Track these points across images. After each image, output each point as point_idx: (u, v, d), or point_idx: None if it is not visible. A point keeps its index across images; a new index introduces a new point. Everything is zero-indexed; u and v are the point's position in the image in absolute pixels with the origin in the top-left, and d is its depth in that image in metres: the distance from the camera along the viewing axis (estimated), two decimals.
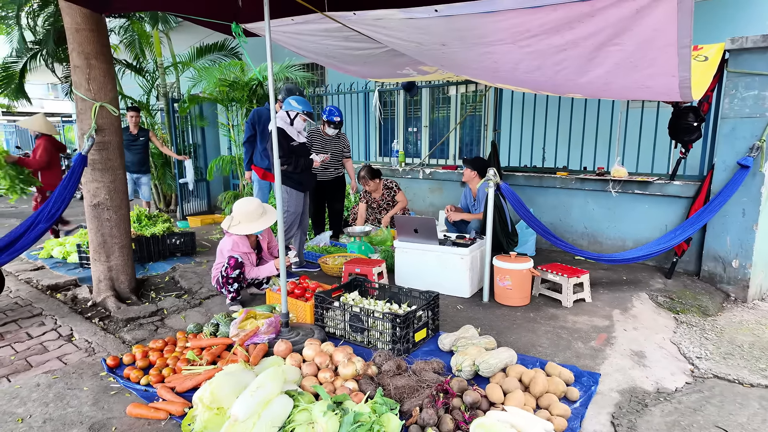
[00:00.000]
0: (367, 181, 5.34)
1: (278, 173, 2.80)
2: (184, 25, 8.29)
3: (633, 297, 3.75)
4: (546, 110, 5.30)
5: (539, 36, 2.36)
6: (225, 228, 3.54)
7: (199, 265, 4.76)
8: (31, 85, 8.68)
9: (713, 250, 4.05)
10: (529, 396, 2.28)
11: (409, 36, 2.97)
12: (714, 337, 3.08)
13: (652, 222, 4.55)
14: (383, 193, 5.41)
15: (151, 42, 7.94)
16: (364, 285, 3.44)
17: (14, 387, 2.50)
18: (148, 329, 3.27)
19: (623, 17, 2.01)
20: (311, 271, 4.52)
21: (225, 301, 3.69)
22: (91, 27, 3.38)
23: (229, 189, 8.35)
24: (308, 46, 3.84)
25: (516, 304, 3.59)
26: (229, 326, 2.99)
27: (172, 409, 2.23)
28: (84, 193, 3.66)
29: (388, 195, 5.41)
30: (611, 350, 2.87)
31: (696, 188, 4.20)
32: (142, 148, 6.50)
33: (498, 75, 3.45)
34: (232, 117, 7.34)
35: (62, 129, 16.10)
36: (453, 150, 6.85)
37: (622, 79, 2.79)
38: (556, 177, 5.07)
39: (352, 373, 2.38)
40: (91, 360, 2.81)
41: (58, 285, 4.15)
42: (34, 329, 3.27)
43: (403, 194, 5.46)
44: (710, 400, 2.36)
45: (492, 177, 3.63)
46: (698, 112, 3.98)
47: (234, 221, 3.50)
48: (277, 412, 2.00)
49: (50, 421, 2.21)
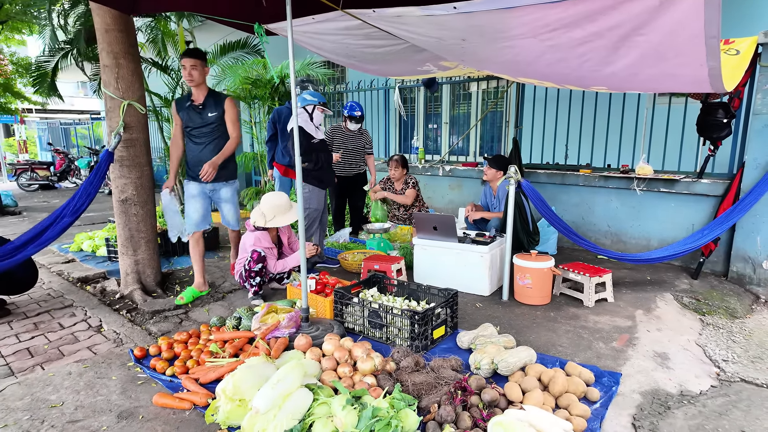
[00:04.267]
0: (398, 165, 5.27)
1: (299, 170, 2.84)
2: (207, 23, 8.42)
3: (657, 297, 3.68)
4: (569, 106, 5.21)
5: (560, 30, 2.33)
6: (260, 224, 3.60)
7: (222, 260, 4.86)
8: (61, 83, 8.97)
9: (742, 250, 3.94)
10: (548, 395, 2.26)
11: (428, 32, 2.96)
12: (742, 339, 3.00)
13: (679, 221, 4.45)
14: (403, 187, 5.40)
15: (176, 40, 8.10)
16: (383, 282, 3.46)
17: (48, 375, 2.61)
18: (173, 322, 3.36)
19: (647, 9, 1.97)
20: (331, 267, 4.57)
21: (247, 296, 3.76)
22: (119, 27, 3.48)
23: (251, 185, 8.48)
24: (329, 45, 3.86)
25: (536, 303, 3.56)
26: (251, 320, 3.05)
27: (196, 399, 2.30)
28: (112, 188, 3.78)
29: (404, 189, 5.39)
30: (633, 351, 2.82)
31: (725, 187, 4.09)
32: (215, 131, 3.67)
33: (520, 69, 3.41)
34: (254, 114, 7.44)
35: (91, 126, 16.58)
36: (473, 147, 6.81)
37: (649, 69, 2.72)
38: (579, 174, 4.99)
39: (370, 369, 2.41)
40: (119, 350, 2.90)
41: (87, 277, 4.30)
42: (65, 320, 3.40)
43: (413, 193, 5.32)
44: (737, 404, 2.30)
45: (513, 174, 3.60)
46: (728, 108, 3.87)
47: (268, 216, 3.59)
48: (298, 404, 2.04)
49: (81, 408, 2.30)
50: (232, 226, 4.02)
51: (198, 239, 3.86)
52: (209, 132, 3.68)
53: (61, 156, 12.94)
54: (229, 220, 3.99)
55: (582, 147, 5.23)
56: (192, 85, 3.59)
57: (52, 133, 17.86)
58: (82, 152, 14.72)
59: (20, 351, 2.94)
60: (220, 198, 3.86)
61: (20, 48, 14.10)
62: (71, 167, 12.76)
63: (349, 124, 5.08)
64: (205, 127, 3.66)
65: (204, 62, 3.60)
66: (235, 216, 3.98)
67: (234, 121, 3.72)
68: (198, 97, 3.66)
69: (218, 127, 3.69)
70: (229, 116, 3.69)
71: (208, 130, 3.67)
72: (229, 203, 3.91)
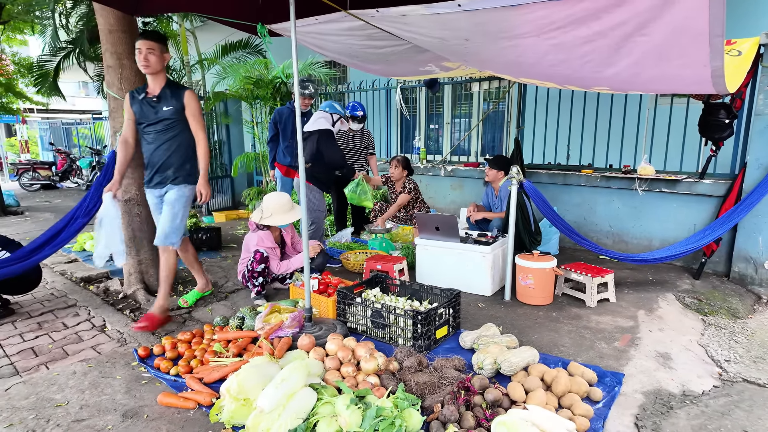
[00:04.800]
0: (397, 165, 5.22)
1: (302, 170, 2.85)
2: (209, 24, 8.45)
3: (659, 297, 3.68)
4: (571, 106, 5.22)
5: (564, 28, 2.33)
6: (256, 220, 3.64)
7: (225, 260, 4.88)
8: (62, 83, 8.99)
9: (744, 250, 3.94)
10: (551, 395, 2.27)
11: (432, 32, 2.97)
12: (744, 340, 3.00)
13: (680, 221, 4.45)
14: (400, 190, 5.39)
15: (178, 40, 8.12)
16: (386, 282, 3.47)
17: (53, 374, 2.62)
18: (177, 321, 3.37)
19: (652, 6, 1.97)
20: (333, 267, 4.58)
21: (250, 296, 3.77)
22: (123, 28, 3.49)
23: (253, 185, 8.49)
24: (331, 45, 3.87)
25: (538, 303, 3.57)
26: (254, 320, 3.07)
27: (201, 399, 2.31)
28: None
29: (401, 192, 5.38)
30: (636, 351, 2.83)
31: (727, 187, 4.09)
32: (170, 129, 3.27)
33: (523, 69, 3.42)
34: (256, 114, 7.45)
35: (92, 126, 16.60)
36: (475, 147, 6.82)
37: (651, 70, 2.73)
38: (581, 175, 5.00)
39: (374, 368, 2.42)
40: (123, 350, 2.92)
41: (90, 277, 4.31)
42: (69, 319, 3.42)
43: (405, 199, 5.23)
44: (739, 404, 2.31)
45: (515, 175, 3.61)
46: (730, 108, 3.87)
47: (266, 213, 3.60)
48: (302, 404, 2.05)
49: (86, 407, 2.31)
50: (159, 239, 3.23)
51: (184, 247, 3.48)
52: (163, 129, 3.20)
53: (62, 156, 12.97)
54: (158, 231, 3.25)
55: (584, 147, 5.23)
56: (148, 72, 3.11)
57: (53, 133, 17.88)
58: (84, 152, 14.75)
59: (25, 350, 2.95)
60: (164, 200, 3.30)
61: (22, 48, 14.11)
62: (73, 167, 12.80)
63: (351, 124, 5.10)
64: (159, 123, 3.18)
65: (164, 47, 3.15)
66: (170, 225, 3.21)
67: (197, 117, 3.23)
68: (153, 89, 3.17)
69: (174, 124, 3.21)
70: (190, 111, 3.20)
71: (162, 127, 3.19)
72: (168, 206, 3.24)
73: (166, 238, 3.22)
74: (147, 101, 3.18)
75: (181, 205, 3.26)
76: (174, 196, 3.24)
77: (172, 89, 3.20)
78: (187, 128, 3.24)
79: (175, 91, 3.20)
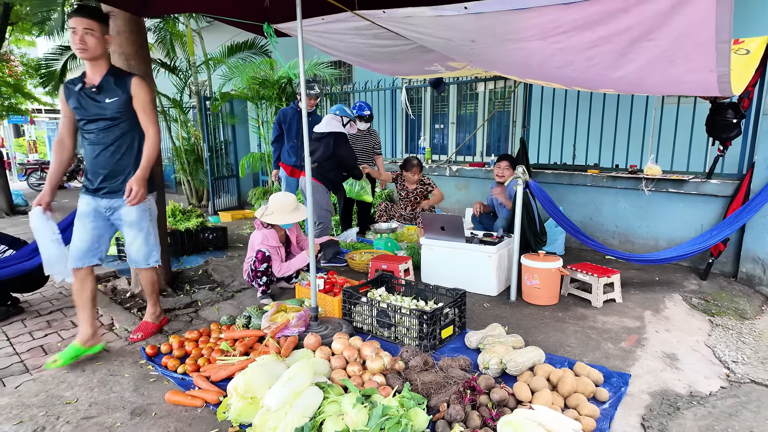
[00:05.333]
0: (412, 166, 5.24)
1: (309, 170, 2.86)
2: (215, 24, 8.49)
3: (666, 298, 3.67)
4: (577, 106, 5.21)
5: (570, 32, 2.33)
6: (258, 215, 3.67)
7: (231, 259, 4.90)
8: None
9: (752, 251, 3.92)
10: (556, 395, 2.27)
11: (438, 33, 2.98)
12: (752, 341, 2.98)
13: (687, 222, 4.43)
14: (417, 187, 5.39)
15: (184, 41, 8.17)
16: (391, 281, 3.48)
17: (62, 372, 2.65)
18: (184, 320, 3.40)
19: (659, 12, 1.96)
20: (339, 266, 4.60)
21: (256, 295, 3.79)
22: (130, 29, 3.51)
23: (259, 185, 8.53)
24: (337, 45, 3.88)
25: (544, 303, 3.56)
26: (260, 319, 3.08)
27: (208, 397, 2.32)
28: None
29: (422, 190, 5.39)
30: (642, 352, 2.82)
31: (734, 187, 4.07)
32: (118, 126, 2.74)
33: (528, 70, 3.42)
34: (261, 114, 7.49)
35: None
36: (480, 147, 6.81)
37: (657, 75, 2.73)
38: (587, 175, 4.98)
39: (379, 368, 2.42)
40: (131, 348, 2.94)
41: (98, 276, 4.34)
42: (77, 318, 3.44)
43: (439, 191, 5.42)
44: (747, 405, 2.30)
45: (521, 175, 3.61)
46: (738, 108, 3.85)
47: (268, 211, 3.62)
48: (308, 403, 2.06)
49: (95, 405, 2.33)
50: (137, 263, 2.87)
51: (84, 278, 2.75)
52: (108, 127, 2.67)
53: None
54: (132, 254, 2.84)
55: (590, 147, 5.22)
56: (85, 57, 2.57)
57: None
58: None
59: (34, 348, 2.99)
60: (121, 219, 2.77)
61: (30, 49, 14.25)
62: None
63: (358, 124, 5.12)
64: (102, 120, 2.65)
65: (105, 27, 2.61)
66: (144, 247, 2.83)
67: (147, 109, 2.73)
68: (93, 77, 2.65)
69: (122, 120, 2.68)
70: (139, 102, 2.69)
71: (106, 124, 2.66)
72: (135, 228, 2.78)
73: (150, 258, 2.87)
74: (86, 93, 2.64)
75: (147, 221, 2.82)
76: (136, 214, 2.76)
77: (116, 77, 2.67)
78: (137, 125, 2.75)
79: (120, 80, 2.67)
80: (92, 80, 2.65)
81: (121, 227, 2.81)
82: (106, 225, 2.80)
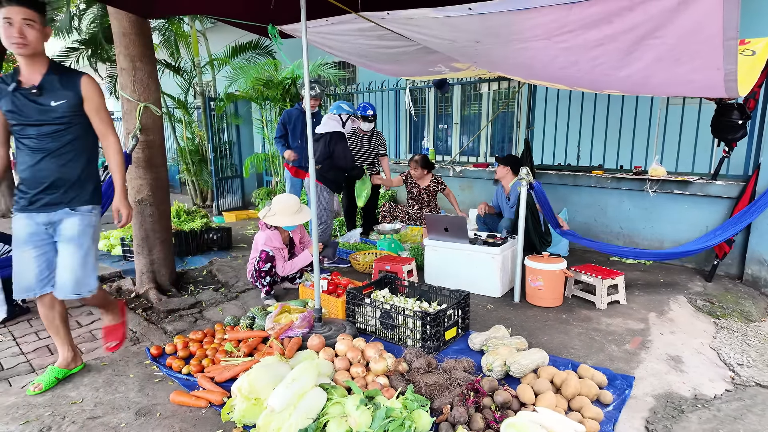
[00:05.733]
0: (416, 166, 5.28)
1: (313, 172, 2.87)
2: (219, 25, 8.50)
3: (670, 300, 3.65)
4: (581, 107, 5.19)
5: (576, 31, 2.32)
6: (261, 215, 3.67)
7: (235, 260, 4.92)
8: None
9: (758, 252, 3.90)
10: (560, 398, 2.27)
11: (442, 34, 2.98)
12: (757, 343, 2.97)
13: (692, 223, 4.41)
14: (431, 185, 5.39)
15: (189, 42, 8.20)
16: (395, 282, 3.48)
17: None
18: (188, 321, 3.41)
19: (665, 10, 1.95)
20: (342, 267, 4.60)
21: (260, 295, 3.80)
22: (136, 31, 3.54)
23: (263, 186, 8.55)
24: (341, 45, 3.89)
25: (548, 305, 3.55)
26: (264, 320, 3.09)
27: (212, 398, 2.34)
28: (129, 189, 3.84)
29: (435, 188, 5.39)
30: (646, 354, 2.81)
31: (740, 188, 4.04)
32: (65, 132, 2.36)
33: (533, 71, 3.42)
34: (266, 115, 7.51)
35: None
36: (484, 148, 6.80)
37: (663, 73, 2.71)
38: (591, 176, 4.97)
39: (383, 369, 2.43)
40: (136, 349, 2.96)
41: (103, 276, 4.37)
42: (83, 318, 3.47)
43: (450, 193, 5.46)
44: (752, 408, 2.28)
45: (525, 176, 3.60)
46: (743, 109, 3.82)
47: (270, 212, 3.62)
48: (312, 404, 2.07)
49: (101, 405, 2.35)
50: (64, 290, 2.35)
51: (49, 303, 2.46)
52: (51, 132, 2.29)
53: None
54: (62, 278, 2.34)
55: (594, 148, 5.20)
56: (24, 53, 2.22)
57: None
58: None
59: (40, 348, 3.01)
60: (60, 234, 2.37)
61: None
62: None
63: (362, 125, 5.12)
64: (48, 125, 2.28)
65: (44, 18, 2.26)
66: (80, 270, 2.35)
67: (102, 113, 2.40)
68: (31, 76, 2.27)
69: (70, 125, 2.32)
70: (92, 105, 2.35)
71: (51, 129, 2.29)
72: (74, 245, 2.35)
73: (79, 286, 2.36)
74: (23, 94, 2.25)
75: (90, 239, 2.40)
76: (78, 228, 2.36)
77: (61, 76, 2.30)
78: (88, 129, 2.41)
79: (67, 79, 2.31)
80: (30, 80, 2.27)
81: (57, 241, 2.37)
82: (52, 247, 2.38)
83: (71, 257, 2.35)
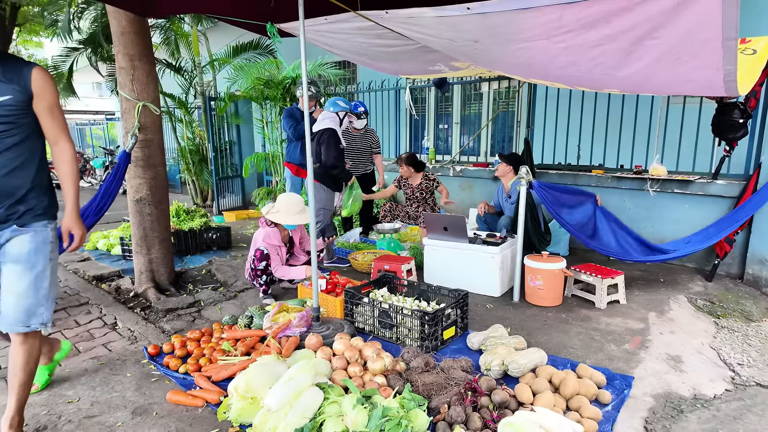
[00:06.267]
0: (402, 164, 5.25)
1: (311, 171, 2.86)
2: (219, 25, 8.51)
3: (670, 299, 3.63)
4: (582, 106, 5.17)
5: (574, 31, 2.31)
6: (264, 211, 3.67)
7: (234, 259, 4.91)
8: (76, 84, 9.13)
9: (759, 252, 3.88)
10: (558, 397, 2.26)
11: (441, 33, 2.97)
12: (758, 343, 2.95)
13: (693, 222, 4.39)
14: (422, 183, 5.36)
15: (189, 41, 8.20)
16: (393, 282, 3.47)
17: (65, 371, 2.66)
18: (186, 320, 3.41)
19: (663, 10, 1.95)
20: (341, 267, 4.59)
21: (258, 295, 3.79)
22: (135, 30, 3.53)
23: (263, 185, 8.55)
24: (341, 44, 3.88)
25: (547, 304, 3.54)
26: (262, 319, 3.08)
27: (209, 397, 2.33)
28: (127, 188, 3.83)
29: (428, 186, 5.36)
30: (646, 354, 2.79)
31: (741, 187, 4.02)
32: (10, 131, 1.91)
33: (532, 70, 3.40)
34: (266, 114, 7.50)
35: (105, 126, 16.82)
36: (484, 147, 6.78)
37: (663, 73, 2.70)
38: (592, 175, 4.95)
39: (380, 369, 2.42)
40: (134, 348, 2.95)
41: (102, 276, 4.37)
42: (81, 317, 3.47)
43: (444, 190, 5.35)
44: (752, 408, 2.27)
45: (524, 175, 3.59)
46: (744, 108, 3.80)
47: (274, 209, 3.62)
48: (308, 403, 2.06)
49: (97, 404, 2.34)
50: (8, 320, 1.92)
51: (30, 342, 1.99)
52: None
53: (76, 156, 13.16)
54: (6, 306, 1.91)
55: (594, 147, 5.18)
56: None
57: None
58: (98, 152, 14.96)
59: None
60: (6, 254, 1.94)
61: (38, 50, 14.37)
62: (87, 167, 12.97)
63: (355, 123, 5.11)
64: None
65: None
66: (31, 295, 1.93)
67: (56, 112, 2.02)
68: None
69: (18, 125, 1.92)
70: (43, 104, 1.96)
71: None
72: (23, 266, 1.93)
73: (30, 317, 1.93)
74: None
75: (44, 259, 1.98)
76: (29, 247, 1.94)
77: (6, 67, 1.89)
78: (38, 129, 2.01)
79: (13, 70, 1.89)
80: None
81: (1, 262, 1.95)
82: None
83: (18, 280, 1.91)
